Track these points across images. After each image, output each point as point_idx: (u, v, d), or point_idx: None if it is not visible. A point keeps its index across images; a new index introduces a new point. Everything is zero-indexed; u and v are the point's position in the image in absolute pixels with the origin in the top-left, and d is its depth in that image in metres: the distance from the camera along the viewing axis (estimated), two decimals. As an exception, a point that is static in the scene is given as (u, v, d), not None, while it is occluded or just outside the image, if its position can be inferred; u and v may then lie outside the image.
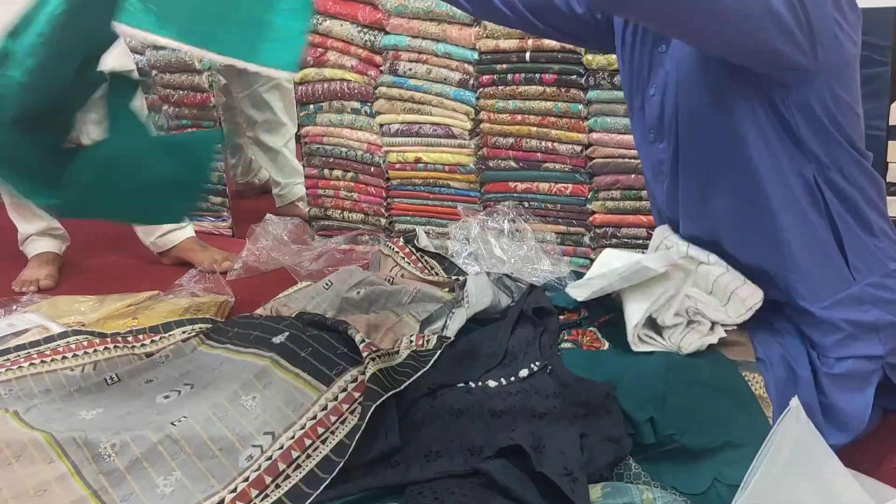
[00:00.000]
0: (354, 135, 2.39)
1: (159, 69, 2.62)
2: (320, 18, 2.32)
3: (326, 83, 2.38)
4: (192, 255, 2.37)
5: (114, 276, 2.40)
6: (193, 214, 2.67)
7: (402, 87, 2.24)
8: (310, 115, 2.46)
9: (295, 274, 2.18)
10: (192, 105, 2.61)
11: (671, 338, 1.24)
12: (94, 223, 2.87)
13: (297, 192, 2.86)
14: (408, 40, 2.19)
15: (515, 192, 2.17)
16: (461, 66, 2.14)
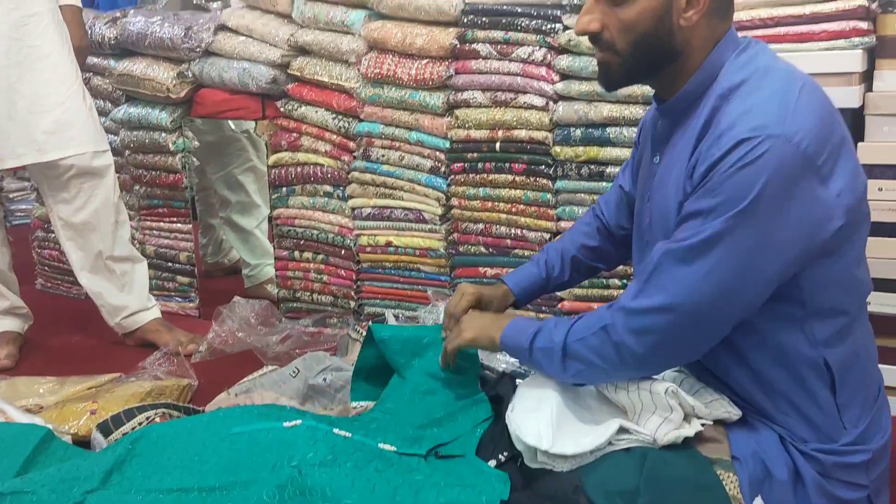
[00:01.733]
0: (326, 218, 2.40)
1: (132, 149, 2.63)
2: (296, 104, 2.36)
3: (300, 167, 2.40)
4: (157, 337, 2.34)
5: (76, 357, 2.35)
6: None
7: (375, 173, 2.27)
8: (282, 198, 2.47)
9: (261, 356, 2.16)
10: (163, 185, 2.62)
11: (646, 424, 1.22)
12: (59, 302, 2.84)
13: (267, 273, 2.85)
14: (381, 128, 2.23)
15: (485, 277, 2.19)
16: (433, 154, 2.17)
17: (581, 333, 1.20)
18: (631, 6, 1.14)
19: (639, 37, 1.15)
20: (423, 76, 2.10)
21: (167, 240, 2.69)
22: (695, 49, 1.17)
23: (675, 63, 1.18)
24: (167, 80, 2.48)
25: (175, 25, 2.48)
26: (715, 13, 1.16)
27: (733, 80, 1.13)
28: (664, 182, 1.22)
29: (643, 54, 1.17)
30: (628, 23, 1.15)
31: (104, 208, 2.25)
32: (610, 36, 1.17)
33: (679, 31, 1.15)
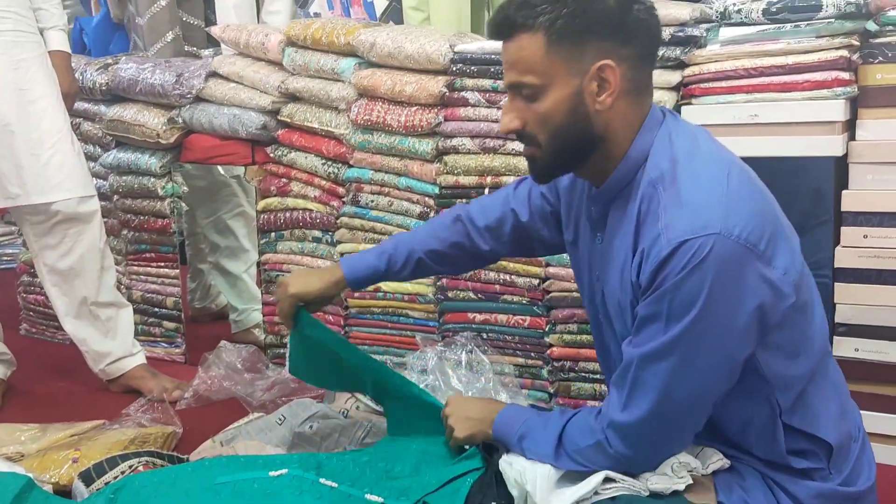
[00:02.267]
0: (315, 263, 2.40)
1: (121, 194, 2.63)
2: (285, 150, 2.37)
3: (289, 212, 2.41)
4: (141, 383, 2.31)
5: (59, 403, 2.32)
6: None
7: (364, 218, 2.27)
8: (270, 243, 2.47)
9: (247, 404, 2.13)
10: (151, 230, 2.61)
11: (639, 477, 1.22)
12: (43, 348, 2.81)
13: (255, 318, 2.84)
14: (370, 173, 2.24)
15: (474, 322, 2.18)
16: (422, 199, 2.18)
17: (573, 445, 1.23)
18: (544, 99, 1.14)
19: (556, 128, 1.16)
20: (412, 123, 2.12)
21: (154, 285, 2.67)
22: (618, 132, 1.17)
23: (600, 149, 1.18)
24: (157, 126, 2.49)
25: (166, 72, 2.50)
26: (630, 93, 1.16)
27: (661, 166, 1.14)
28: (612, 265, 1.23)
29: (564, 144, 1.17)
30: (544, 116, 1.15)
31: (89, 254, 2.24)
32: (531, 129, 1.18)
33: (596, 116, 1.15)
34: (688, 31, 1.81)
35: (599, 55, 1.12)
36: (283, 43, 2.34)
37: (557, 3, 1.12)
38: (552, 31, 1.11)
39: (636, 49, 1.15)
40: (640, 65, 1.17)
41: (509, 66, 1.17)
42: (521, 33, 1.14)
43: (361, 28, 2.23)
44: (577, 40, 1.12)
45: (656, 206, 1.12)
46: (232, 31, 2.47)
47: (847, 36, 1.70)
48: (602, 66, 1.12)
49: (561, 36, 1.11)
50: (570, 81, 1.13)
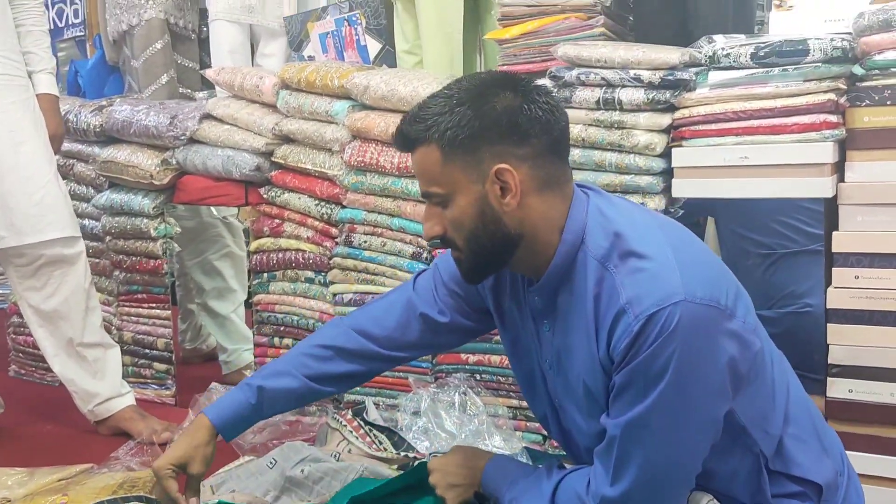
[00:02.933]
0: (307, 303, 2.39)
1: (113, 235, 2.62)
2: (279, 191, 2.38)
3: (281, 252, 2.41)
4: (131, 425, 2.28)
5: (47, 446, 2.29)
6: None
7: (357, 259, 2.27)
8: (263, 284, 2.46)
9: (237, 447, 2.10)
10: (143, 271, 2.61)
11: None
12: (32, 390, 2.78)
13: (245, 359, 2.82)
14: (364, 214, 2.24)
15: (467, 363, 2.17)
16: (415, 240, 2.18)
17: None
18: (453, 206, 1.17)
19: (469, 232, 1.17)
20: (405, 164, 2.13)
21: (145, 326, 2.66)
22: (538, 227, 1.18)
23: (522, 246, 1.18)
24: (151, 167, 2.49)
25: (161, 114, 2.52)
26: (540, 188, 1.16)
27: (603, 245, 1.16)
28: (573, 352, 1.22)
29: (481, 247, 1.18)
30: (456, 222, 1.18)
31: (74, 296, 2.23)
32: (450, 235, 1.20)
33: (507, 216, 1.16)
34: (677, 75, 1.84)
35: (495, 159, 1.14)
36: (277, 86, 2.36)
37: (446, 114, 1.14)
38: (444, 142, 1.14)
39: (535, 147, 1.15)
40: (543, 161, 1.16)
41: (417, 176, 1.21)
42: (418, 147, 1.17)
43: (355, 71, 2.25)
44: (470, 148, 1.14)
45: (611, 283, 1.13)
46: (227, 73, 2.49)
47: (834, 80, 1.73)
48: (499, 171, 1.14)
49: (454, 146, 1.14)
50: (472, 188, 1.15)
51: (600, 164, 1.91)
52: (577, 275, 1.18)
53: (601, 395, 1.18)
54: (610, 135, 1.89)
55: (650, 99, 1.84)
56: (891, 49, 1.69)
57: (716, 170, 1.78)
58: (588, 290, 1.16)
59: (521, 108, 1.14)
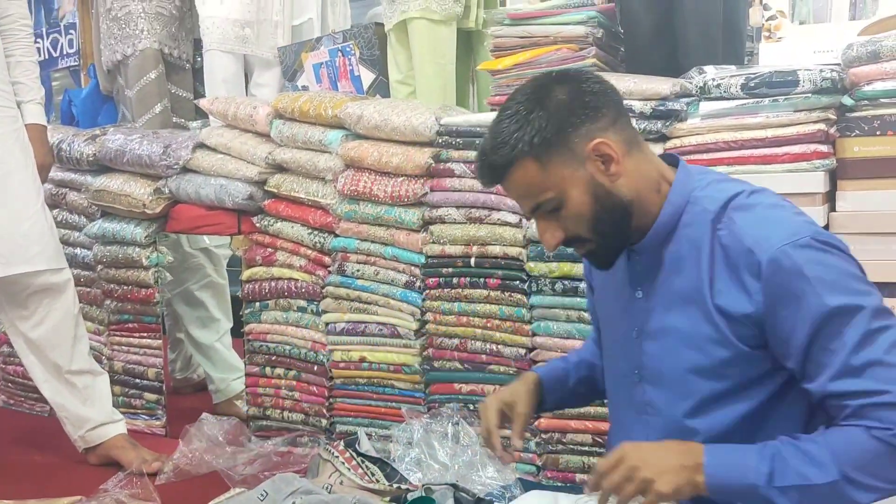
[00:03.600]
0: (299, 333, 2.38)
1: (105, 264, 2.61)
2: (272, 220, 2.38)
3: (274, 281, 2.40)
4: (121, 454, 2.26)
5: (36, 477, 2.26)
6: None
7: (350, 287, 2.26)
8: (255, 313, 2.45)
9: (228, 479, 2.08)
10: (134, 300, 2.59)
11: None
12: (21, 420, 2.75)
13: (235, 388, 2.80)
14: (356, 243, 2.24)
15: (460, 393, 2.15)
16: (408, 269, 2.18)
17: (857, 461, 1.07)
18: (567, 203, 1.20)
19: (591, 219, 1.21)
20: (398, 193, 2.13)
21: (136, 355, 2.63)
22: (640, 187, 1.22)
23: (637, 210, 1.22)
24: (143, 196, 2.49)
25: (154, 143, 2.52)
26: (629, 151, 1.22)
27: (716, 200, 1.20)
28: (665, 316, 1.23)
29: (606, 227, 1.22)
30: (575, 216, 1.21)
31: (63, 324, 2.22)
32: (573, 233, 1.23)
33: (616, 188, 1.21)
34: (669, 105, 1.85)
35: (585, 140, 1.19)
36: (271, 115, 2.37)
37: (523, 127, 1.18)
38: (535, 150, 1.18)
39: (608, 117, 1.21)
40: (619, 126, 1.22)
41: (520, 197, 1.24)
42: (510, 170, 1.20)
43: (349, 101, 2.26)
44: (559, 143, 1.18)
45: (730, 232, 1.17)
46: (220, 103, 2.50)
47: (824, 110, 1.75)
48: (595, 147, 1.19)
49: (545, 148, 1.18)
50: (577, 176, 1.19)
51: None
52: (685, 227, 1.22)
53: (709, 344, 1.18)
54: (602, 164, 1.90)
55: (642, 129, 1.86)
56: (879, 80, 1.71)
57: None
58: (701, 245, 1.19)
59: (579, 90, 1.21)
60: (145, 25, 2.90)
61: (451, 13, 2.57)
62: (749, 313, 1.14)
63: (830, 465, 1.07)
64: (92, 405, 2.28)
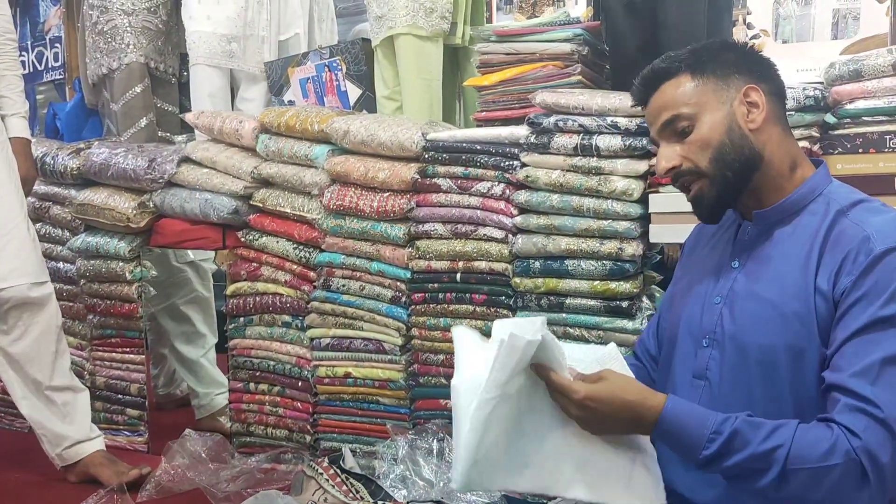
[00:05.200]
0: (284, 348, 2.37)
1: (88, 278, 2.59)
2: (257, 235, 2.37)
3: (259, 296, 2.39)
4: (100, 471, 2.23)
5: (15, 495, 2.23)
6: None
7: (335, 303, 2.26)
8: (239, 328, 2.44)
9: (211, 496, 2.06)
10: (118, 315, 2.57)
11: None
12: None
13: (218, 402, 2.79)
14: (342, 258, 2.24)
15: (446, 409, 2.14)
16: (394, 284, 2.18)
17: (815, 461, 1.11)
18: (700, 126, 1.25)
19: (717, 149, 1.25)
20: (384, 208, 2.13)
21: (118, 371, 2.61)
22: (775, 155, 1.26)
23: (762, 170, 1.26)
24: (128, 210, 2.48)
25: (139, 157, 2.51)
26: (776, 122, 1.28)
27: (846, 196, 1.25)
28: (756, 286, 1.26)
29: (727, 165, 1.25)
30: (703, 140, 1.25)
31: (43, 339, 2.20)
32: (691, 164, 1.27)
33: (752, 135, 1.25)
34: (654, 122, 1.86)
35: (742, 83, 1.26)
36: (257, 129, 2.36)
37: (699, 49, 1.30)
38: (697, 68, 1.27)
39: (773, 85, 1.29)
40: (778, 101, 1.29)
41: (660, 109, 1.29)
42: (666, 81, 1.29)
43: (335, 116, 2.26)
44: (721, 73, 1.27)
45: (850, 222, 1.20)
46: (206, 117, 2.49)
47: (807, 128, 1.76)
48: (747, 91, 1.26)
49: (707, 70, 1.27)
50: (720, 107, 1.26)
51: (578, 210, 1.92)
52: (809, 215, 1.25)
53: (793, 322, 1.19)
54: (588, 180, 1.91)
55: (627, 145, 1.87)
56: (861, 98, 1.73)
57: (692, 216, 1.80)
58: (819, 229, 1.21)
59: (756, 51, 1.31)
60: (131, 39, 2.90)
61: (437, 29, 2.59)
62: (837, 290, 1.16)
63: (778, 461, 1.11)
64: (71, 422, 2.26)
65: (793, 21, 2.35)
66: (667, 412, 1.17)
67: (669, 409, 1.17)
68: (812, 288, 1.19)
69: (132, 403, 2.60)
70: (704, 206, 1.30)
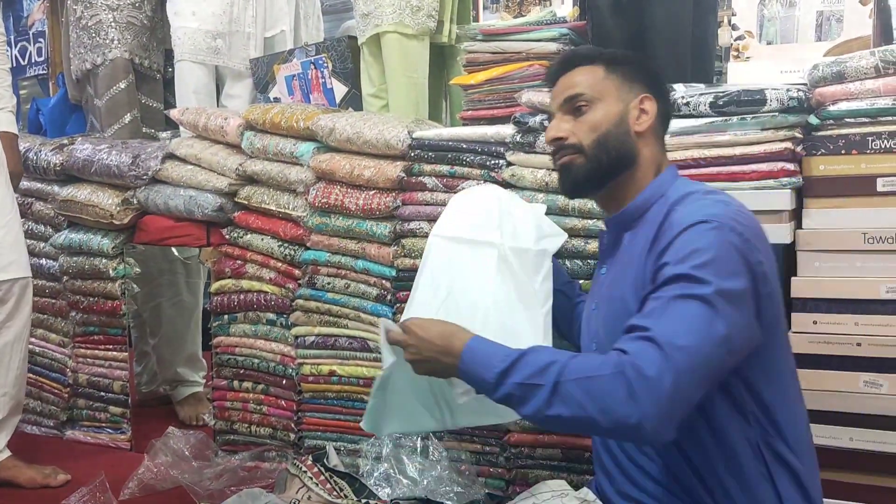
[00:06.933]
0: (268, 346, 2.36)
1: (70, 275, 2.58)
2: (241, 232, 2.36)
3: (243, 294, 2.38)
4: (17, 473, 2.23)
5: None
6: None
7: (320, 300, 2.25)
8: (223, 326, 2.43)
9: (194, 494, 2.05)
10: (100, 312, 2.56)
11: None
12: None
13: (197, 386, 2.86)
14: (327, 256, 2.23)
15: (430, 408, 2.15)
16: (379, 282, 2.17)
17: (586, 372, 1.19)
18: (596, 110, 1.39)
19: (603, 135, 1.38)
20: (370, 206, 2.13)
21: (101, 368, 2.60)
22: (645, 160, 1.40)
23: (630, 170, 1.39)
24: (111, 207, 2.46)
25: (123, 153, 2.50)
26: (657, 134, 1.43)
27: (681, 192, 1.34)
28: (613, 289, 1.36)
29: (606, 151, 1.38)
30: (594, 123, 1.38)
31: (15, 344, 2.19)
32: (576, 139, 1.39)
33: (634, 136, 1.39)
34: (639, 122, 1.87)
35: (642, 91, 1.41)
36: (242, 126, 2.35)
37: (617, 53, 1.47)
38: (611, 64, 1.42)
39: (663, 106, 1.44)
40: (664, 119, 1.45)
41: (567, 86, 1.42)
42: (581, 65, 1.43)
43: (321, 113, 2.26)
44: (628, 77, 1.41)
45: (671, 217, 1.29)
46: (191, 113, 2.48)
47: (791, 129, 1.77)
48: (644, 99, 1.41)
49: (617, 69, 1.41)
50: (618, 103, 1.40)
51: (564, 209, 1.92)
52: (651, 216, 1.35)
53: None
54: (573, 180, 1.92)
55: (612, 145, 1.87)
56: (844, 100, 1.74)
57: (677, 215, 1.81)
58: (654, 225, 1.31)
59: (661, 75, 1.48)
60: (116, 35, 2.88)
61: (424, 28, 2.58)
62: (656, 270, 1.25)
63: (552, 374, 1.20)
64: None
65: (777, 22, 2.36)
66: (473, 340, 1.32)
67: (476, 338, 1.32)
68: (649, 277, 1.27)
69: (115, 401, 2.59)
70: (570, 176, 1.42)
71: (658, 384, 1.12)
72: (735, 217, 1.24)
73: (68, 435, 2.65)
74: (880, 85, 1.70)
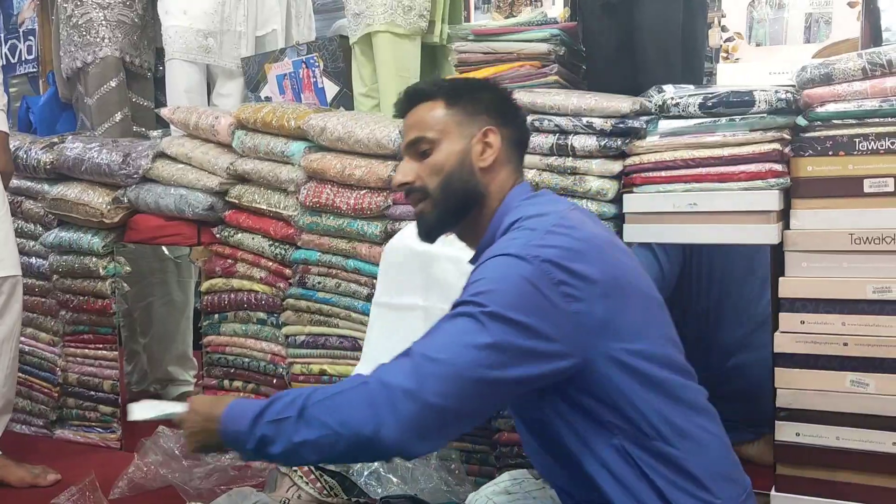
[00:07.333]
0: (259, 345, 2.36)
1: (60, 274, 2.57)
2: (232, 231, 2.36)
3: (234, 293, 2.38)
4: (7, 472, 2.22)
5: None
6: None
7: (311, 300, 2.25)
8: (214, 325, 2.43)
9: (184, 493, 2.05)
10: (90, 311, 2.55)
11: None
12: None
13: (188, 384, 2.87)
14: (318, 255, 2.23)
15: (420, 407, 2.15)
16: (369, 282, 2.18)
17: (332, 391, 1.15)
18: (439, 151, 1.35)
19: (447, 175, 1.34)
20: (361, 206, 2.13)
21: (91, 367, 2.59)
22: (492, 195, 1.35)
23: (480, 206, 1.35)
24: (101, 206, 2.46)
25: (113, 152, 2.49)
26: (507, 165, 1.37)
27: (508, 222, 1.30)
28: None
29: (452, 193, 1.34)
30: (437, 166, 1.34)
31: (5, 344, 2.18)
32: (422, 183, 1.35)
33: (479, 173, 1.34)
34: (628, 123, 1.88)
35: (485, 124, 1.36)
36: (233, 125, 2.35)
37: (457, 82, 1.46)
38: (451, 98, 1.37)
39: (513, 131, 1.39)
40: (514, 145, 1.39)
41: (410, 127, 1.38)
42: (424, 101, 1.38)
43: (312, 113, 2.26)
44: (470, 111, 1.36)
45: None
46: (182, 112, 2.48)
47: (779, 130, 1.78)
48: (486, 132, 1.35)
49: (458, 102, 1.36)
50: (460, 140, 1.35)
51: (554, 209, 1.93)
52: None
53: None
54: (563, 180, 1.93)
55: (602, 146, 1.88)
56: (832, 102, 1.75)
57: (666, 216, 1.82)
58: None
59: (509, 97, 1.44)
60: (106, 33, 2.87)
61: (415, 28, 2.59)
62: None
63: (300, 399, 1.15)
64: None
65: (766, 24, 2.38)
66: (235, 401, 1.24)
67: (238, 399, 1.26)
68: None
69: (105, 400, 2.58)
70: (423, 226, 1.39)
71: (397, 391, 1.08)
72: (540, 242, 1.19)
73: (58, 434, 2.64)
74: (867, 87, 1.72)
